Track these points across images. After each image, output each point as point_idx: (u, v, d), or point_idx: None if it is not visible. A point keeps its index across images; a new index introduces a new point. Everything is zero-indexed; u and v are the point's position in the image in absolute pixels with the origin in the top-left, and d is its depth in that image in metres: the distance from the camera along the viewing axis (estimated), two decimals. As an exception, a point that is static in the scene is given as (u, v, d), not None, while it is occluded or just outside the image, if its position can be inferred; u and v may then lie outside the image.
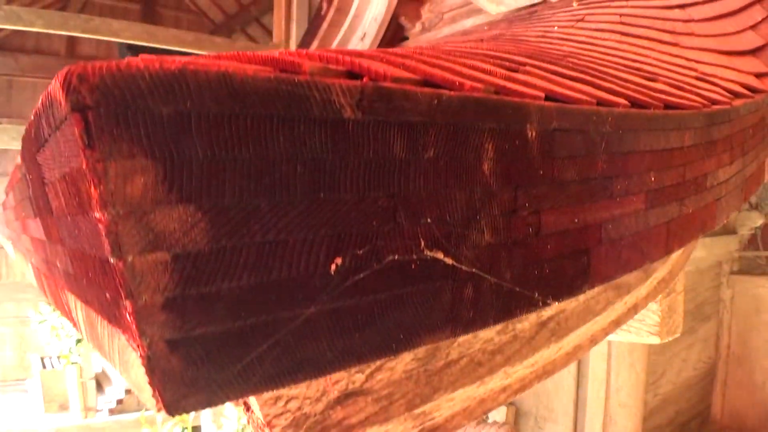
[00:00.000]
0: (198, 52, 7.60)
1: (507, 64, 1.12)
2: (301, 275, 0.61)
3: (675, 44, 1.93)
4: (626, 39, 1.87)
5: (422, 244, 0.71)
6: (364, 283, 0.66)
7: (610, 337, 1.89)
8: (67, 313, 1.02)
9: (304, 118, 0.57)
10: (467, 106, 0.72)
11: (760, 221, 5.49)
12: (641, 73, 1.50)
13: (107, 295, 0.56)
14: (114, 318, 0.57)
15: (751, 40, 2.10)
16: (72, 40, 12.66)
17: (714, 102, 1.49)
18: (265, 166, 0.56)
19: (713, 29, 2.12)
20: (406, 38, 5.55)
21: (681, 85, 1.52)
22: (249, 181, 0.55)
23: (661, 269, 1.87)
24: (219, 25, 13.81)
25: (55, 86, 0.48)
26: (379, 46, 5.44)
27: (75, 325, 0.96)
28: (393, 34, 5.51)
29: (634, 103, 1.16)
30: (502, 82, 0.90)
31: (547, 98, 0.95)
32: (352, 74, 0.67)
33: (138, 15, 13.55)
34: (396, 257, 0.68)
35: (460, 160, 0.73)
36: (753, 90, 1.79)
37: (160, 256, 0.51)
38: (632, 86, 1.31)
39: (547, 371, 1.57)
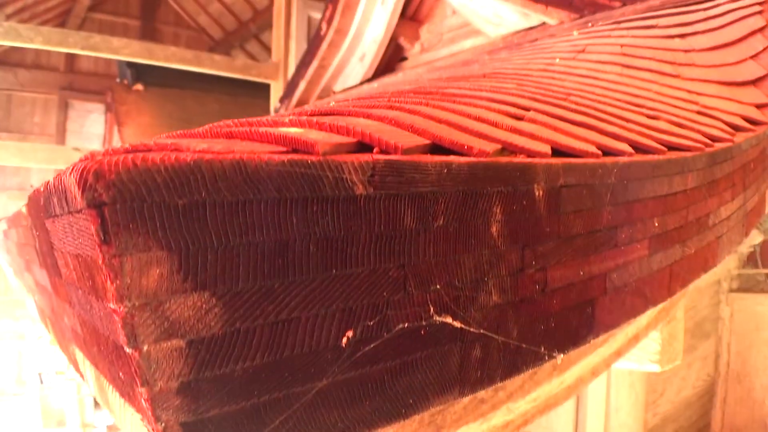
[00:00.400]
0: (197, 69, 7.63)
1: (512, 111, 1.13)
2: (313, 350, 0.61)
3: (676, 76, 1.93)
4: (627, 72, 1.88)
5: (431, 310, 0.71)
6: (374, 352, 0.66)
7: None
8: (74, 363, 1.02)
9: (316, 198, 0.58)
10: (476, 173, 0.72)
11: (759, 239, 5.48)
12: (643, 111, 1.51)
13: (121, 374, 0.56)
14: (128, 396, 0.57)
15: (751, 70, 2.11)
16: (71, 56, 12.70)
17: (716, 139, 1.50)
18: (279, 248, 0.56)
19: (714, 59, 2.12)
20: (405, 58, 5.56)
21: (683, 122, 1.52)
22: (262, 264, 0.55)
23: (663, 299, 1.88)
24: (218, 41, 13.86)
25: (69, 179, 0.48)
26: (379, 66, 5.45)
27: (82, 377, 0.96)
28: (392, 54, 5.52)
29: (638, 148, 1.16)
30: (509, 138, 0.90)
31: (553, 151, 0.96)
32: (363, 145, 0.67)
33: (137, 31, 13.60)
34: (406, 325, 0.69)
35: (469, 225, 0.73)
36: (754, 122, 1.79)
37: (175, 343, 0.51)
38: (635, 127, 1.31)
39: (549, 405, 1.57)
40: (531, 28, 4.17)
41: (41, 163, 7.70)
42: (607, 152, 1.07)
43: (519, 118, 1.10)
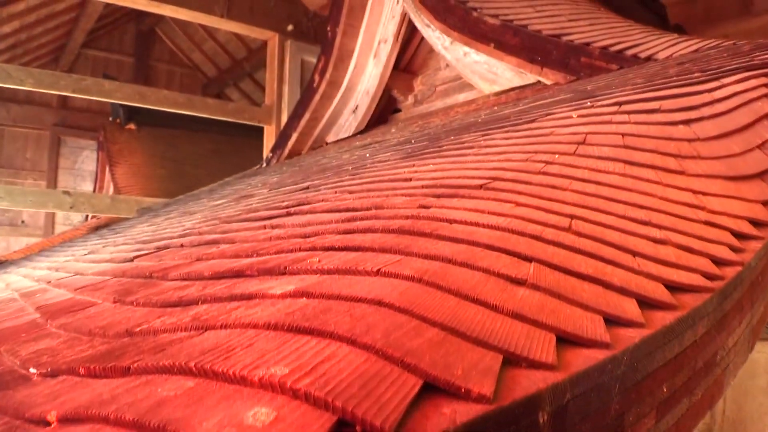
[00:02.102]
0: (190, 113, 7.59)
1: (512, 270, 1.05)
2: None
3: (681, 172, 1.85)
4: (631, 170, 1.79)
5: None
6: None
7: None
8: None
9: None
10: (474, 430, 0.64)
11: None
12: (649, 229, 1.43)
13: None
14: None
15: (758, 161, 2.03)
16: (64, 92, 12.71)
17: (725, 263, 1.41)
18: None
19: (719, 149, 2.04)
20: (399, 110, 5.52)
21: (690, 242, 1.44)
22: None
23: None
24: (212, 79, 13.87)
25: None
26: (371, 118, 5.40)
27: None
28: (385, 105, 5.48)
29: (646, 303, 1.09)
30: (509, 337, 0.82)
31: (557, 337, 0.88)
32: (344, 422, 0.58)
33: (131, 68, 13.60)
34: None
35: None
36: (760, 224, 1.71)
37: None
38: (642, 264, 1.24)
39: None
40: (526, 86, 4.12)
41: (31, 207, 7.64)
42: (614, 320, 0.99)
43: (521, 283, 1.02)
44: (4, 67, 7.22)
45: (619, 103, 2.41)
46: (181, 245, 1.93)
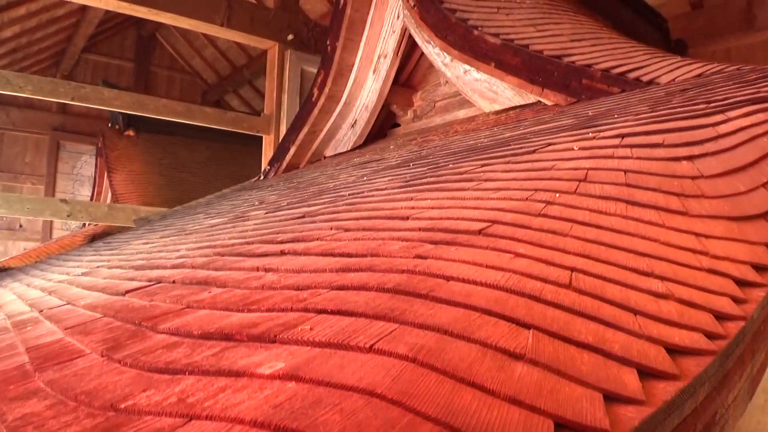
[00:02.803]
0: (188, 121, 7.56)
1: (510, 341, 1.02)
2: None
3: (684, 213, 1.82)
4: (633, 211, 1.76)
5: None
6: None
7: None
8: None
9: None
10: None
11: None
12: (651, 283, 1.40)
13: None
14: None
15: (763, 200, 1.99)
16: (64, 96, 12.72)
17: (728, 317, 1.38)
18: None
19: (723, 188, 2.01)
20: (398, 125, 5.49)
21: (692, 294, 1.41)
22: None
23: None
24: (212, 85, 13.87)
25: None
26: (370, 132, 5.37)
27: None
28: (384, 120, 5.45)
29: (647, 373, 1.06)
30: (505, 426, 0.78)
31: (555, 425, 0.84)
32: None
33: (132, 73, 13.60)
34: None
35: None
36: (763, 268, 1.68)
37: None
38: (643, 324, 1.20)
39: None
40: (526, 106, 4.09)
41: (28, 215, 7.61)
42: (614, 397, 0.96)
43: (519, 357, 0.99)
44: (3, 73, 7.20)
45: (622, 136, 2.37)
46: (173, 281, 1.90)
